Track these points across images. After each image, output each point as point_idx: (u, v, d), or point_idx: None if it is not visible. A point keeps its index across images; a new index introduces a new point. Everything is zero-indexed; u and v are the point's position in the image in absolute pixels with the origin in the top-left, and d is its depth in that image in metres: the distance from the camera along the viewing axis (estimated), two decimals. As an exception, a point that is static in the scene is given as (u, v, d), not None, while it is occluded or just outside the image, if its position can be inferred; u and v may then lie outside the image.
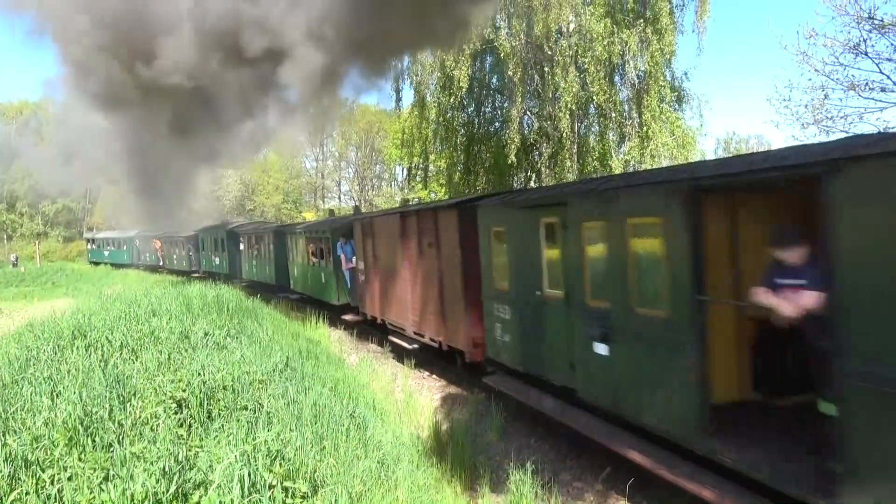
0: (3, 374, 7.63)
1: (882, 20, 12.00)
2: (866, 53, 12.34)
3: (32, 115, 65.72)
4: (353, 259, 15.41)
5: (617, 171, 17.48)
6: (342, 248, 16.00)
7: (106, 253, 52.67)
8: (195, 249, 34.29)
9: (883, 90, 12.44)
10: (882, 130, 12.44)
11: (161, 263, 40.57)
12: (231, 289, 16.50)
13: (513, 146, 18.19)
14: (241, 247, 27.40)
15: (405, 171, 31.66)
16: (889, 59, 12.21)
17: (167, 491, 4.23)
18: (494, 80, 21.33)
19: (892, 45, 12.11)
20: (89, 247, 58.51)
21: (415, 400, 9.66)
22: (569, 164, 18.24)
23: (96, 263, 53.51)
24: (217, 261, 30.52)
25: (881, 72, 12.38)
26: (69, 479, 4.60)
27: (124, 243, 47.99)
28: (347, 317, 16.17)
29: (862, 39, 12.26)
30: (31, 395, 6.55)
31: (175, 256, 37.88)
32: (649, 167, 17.01)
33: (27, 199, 69.04)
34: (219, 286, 15.47)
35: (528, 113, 19.92)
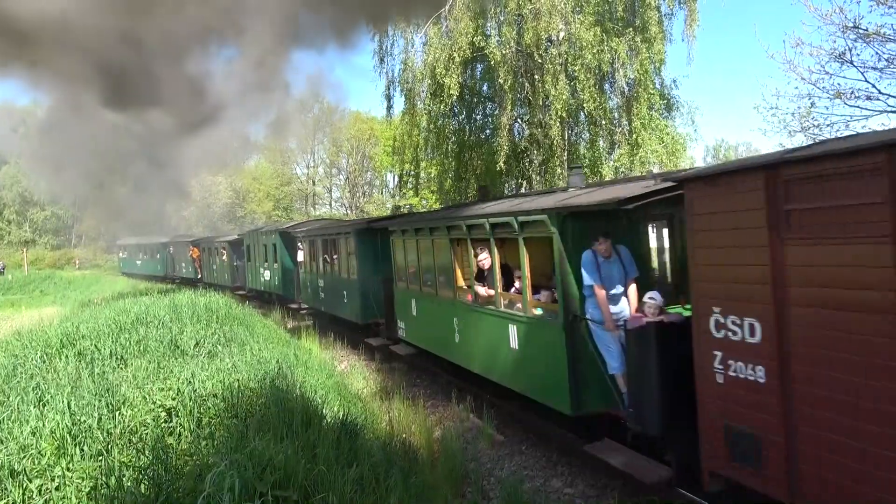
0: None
1: (867, 29, 12.16)
2: (852, 62, 12.49)
3: (21, 120, 65.35)
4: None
5: (607, 179, 17.60)
6: (595, 266, 6.46)
7: (138, 262, 44.14)
8: (239, 259, 27.07)
9: (868, 98, 12.59)
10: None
11: (199, 276, 32.58)
12: (232, 300, 15.42)
13: (503, 153, 18.25)
14: (301, 256, 19.35)
15: (396, 179, 31.68)
16: (874, 68, 12.36)
17: (157, 500, 4.21)
18: (485, 88, 21.41)
19: (877, 53, 12.26)
20: (121, 255, 50.08)
21: (407, 407, 9.64)
22: (559, 171, 18.32)
23: (130, 276, 44.59)
24: (267, 276, 22.79)
25: (866, 80, 12.53)
26: (57, 488, 4.57)
27: (158, 251, 39.30)
28: (619, 462, 6.09)
29: (847, 48, 12.42)
30: (18, 403, 6.50)
31: (215, 267, 30.13)
32: (640, 174, 17.15)
33: (15, 206, 68.58)
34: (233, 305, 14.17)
35: (519, 120, 20.00)
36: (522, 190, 19.78)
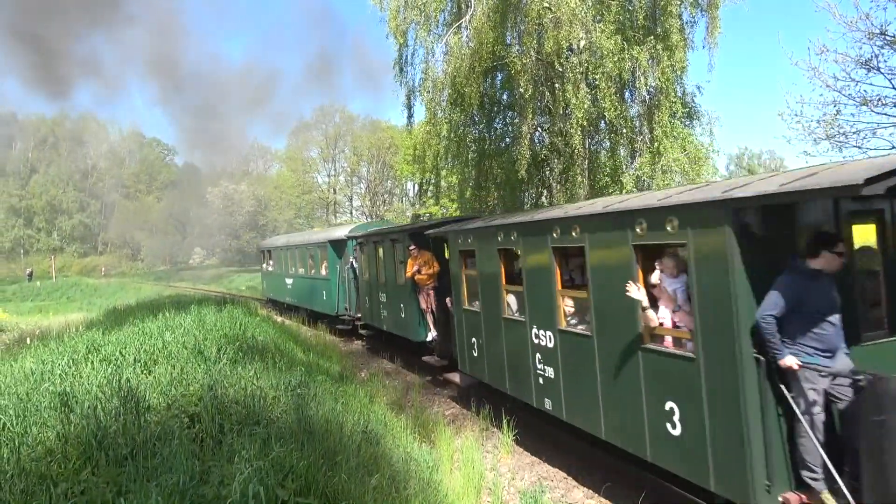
0: (18, 388, 7.71)
1: (894, 36, 11.99)
2: (878, 69, 12.32)
3: (50, 131, 66.87)
4: None
5: (628, 187, 17.48)
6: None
7: (289, 283, 23.50)
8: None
9: (896, 105, 12.39)
10: (896, 146, 12.39)
11: (432, 339, 12.05)
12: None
13: (523, 162, 18.23)
14: None
15: (416, 187, 31.74)
16: (902, 75, 12.18)
17: (180, 506, 4.25)
18: (505, 97, 21.43)
19: (904, 60, 12.08)
20: (266, 267, 27.95)
21: (426, 415, 9.63)
22: (580, 179, 18.25)
23: (277, 306, 25.47)
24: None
25: (894, 87, 12.35)
26: (82, 493, 4.64)
27: (324, 258, 19.88)
28: None
29: (874, 55, 12.26)
30: (45, 409, 6.62)
31: (477, 330, 9.23)
32: (660, 183, 17.01)
33: (44, 215, 70.09)
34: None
35: (539, 129, 19.98)
36: (543, 199, 19.74)
